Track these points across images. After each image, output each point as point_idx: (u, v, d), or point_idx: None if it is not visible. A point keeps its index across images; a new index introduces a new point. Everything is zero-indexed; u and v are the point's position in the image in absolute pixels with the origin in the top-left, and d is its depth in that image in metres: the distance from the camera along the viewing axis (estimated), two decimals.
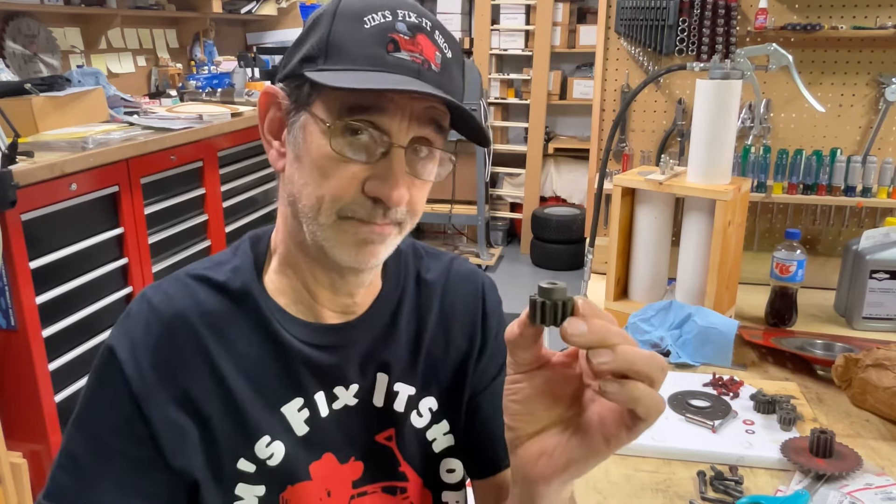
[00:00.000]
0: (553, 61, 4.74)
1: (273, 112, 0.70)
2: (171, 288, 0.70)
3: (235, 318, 0.70)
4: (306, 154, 0.66)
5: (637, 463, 1.06)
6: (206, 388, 0.68)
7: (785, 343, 1.40)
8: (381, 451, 0.75)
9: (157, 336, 0.67)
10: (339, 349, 0.73)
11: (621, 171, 1.93)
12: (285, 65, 0.69)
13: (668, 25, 1.83)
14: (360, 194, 0.65)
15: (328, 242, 0.67)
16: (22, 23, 2.48)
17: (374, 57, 0.64)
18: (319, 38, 0.65)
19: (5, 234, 1.60)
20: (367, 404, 0.75)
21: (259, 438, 0.69)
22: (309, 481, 0.71)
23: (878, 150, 1.76)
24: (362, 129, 0.64)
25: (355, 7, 0.65)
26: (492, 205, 5.00)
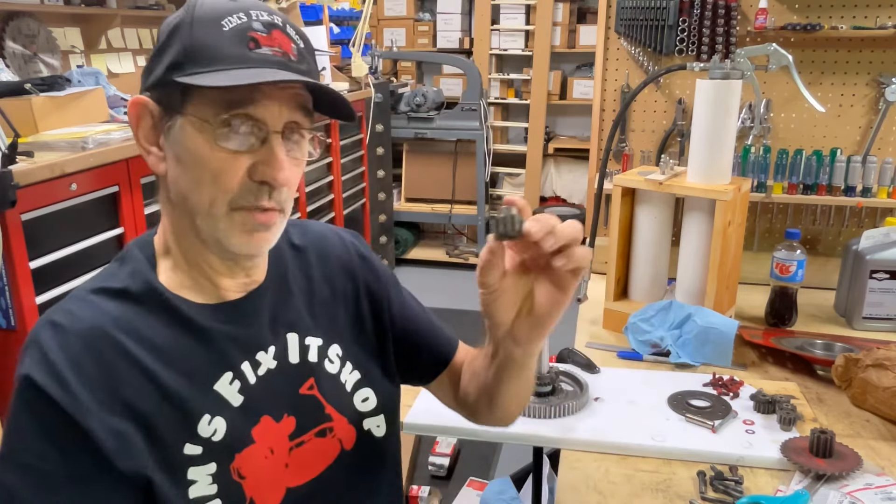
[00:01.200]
0: (553, 61, 4.73)
1: (145, 121, 0.74)
2: (73, 307, 0.72)
3: (146, 317, 0.73)
4: (188, 154, 0.71)
5: (637, 463, 1.06)
6: (138, 387, 0.70)
7: (785, 343, 1.40)
8: (306, 401, 0.82)
9: (76, 352, 0.69)
10: (249, 319, 0.79)
11: (621, 171, 1.93)
12: (149, 74, 0.74)
13: (668, 25, 1.83)
14: (247, 181, 0.71)
15: (222, 234, 0.73)
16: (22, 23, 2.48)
17: (238, 56, 0.70)
18: (182, 45, 0.70)
19: (5, 234, 1.60)
20: (285, 362, 0.81)
21: (199, 419, 0.73)
22: (253, 445, 0.76)
23: (878, 150, 1.76)
24: (240, 122, 0.70)
25: (211, 13, 0.71)
26: (492, 205, 4.99)
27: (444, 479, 2.41)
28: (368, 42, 4.45)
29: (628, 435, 1.10)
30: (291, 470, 0.80)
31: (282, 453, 0.79)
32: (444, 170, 4.68)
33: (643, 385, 1.26)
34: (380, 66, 4.51)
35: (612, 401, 1.20)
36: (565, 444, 1.10)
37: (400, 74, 5.14)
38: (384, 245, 4.32)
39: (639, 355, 1.39)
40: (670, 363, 1.36)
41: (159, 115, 0.73)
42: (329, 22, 4.25)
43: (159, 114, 0.73)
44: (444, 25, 4.98)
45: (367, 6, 3.87)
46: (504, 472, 2.26)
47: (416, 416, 1.17)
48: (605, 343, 1.48)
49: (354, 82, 3.82)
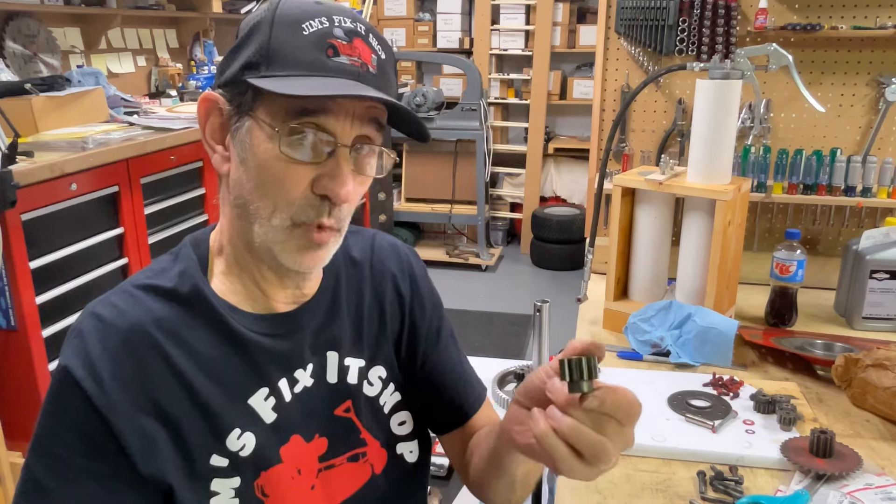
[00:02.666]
0: (553, 61, 4.74)
1: (214, 118, 0.72)
2: (119, 301, 0.71)
3: (189, 322, 0.72)
4: (253, 158, 0.69)
5: (637, 463, 1.06)
6: (171, 392, 0.69)
7: (785, 343, 1.40)
8: (341, 423, 0.80)
9: (114, 349, 0.68)
10: (293, 334, 0.77)
11: (621, 171, 1.94)
12: (224, 71, 0.71)
13: (668, 25, 1.83)
14: (309, 193, 0.69)
15: (277, 246, 0.71)
16: (22, 23, 2.48)
17: (315, 62, 0.67)
18: (259, 45, 0.68)
19: (5, 234, 1.60)
20: (322, 382, 0.79)
21: (230, 433, 0.72)
22: (280, 464, 0.75)
23: (878, 150, 1.76)
24: (308, 131, 0.68)
25: (293, 14, 0.68)
26: (492, 205, 5.00)
27: (444, 479, 2.41)
28: None
29: None
30: (318, 492, 0.78)
31: (310, 474, 0.77)
32: (444, 170, 4.68)
33: (643, 385, 1.26)
34: None
35: None
36: None
37: (400, 74, 5.14)
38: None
39: (639, 355, 1.39)
40: (670, 363, 1.36)
41: (228, 114, 0.71)
42: None
43: (229, 112, 0.71)
44: (444, 25, 4.98)
45: (367, 6, 3.87)
46: None
47: None
48: (605, 343, 1.48)
49: None
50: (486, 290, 4.29)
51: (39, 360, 1.75)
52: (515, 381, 1.24)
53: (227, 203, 0.74)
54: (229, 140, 0.72)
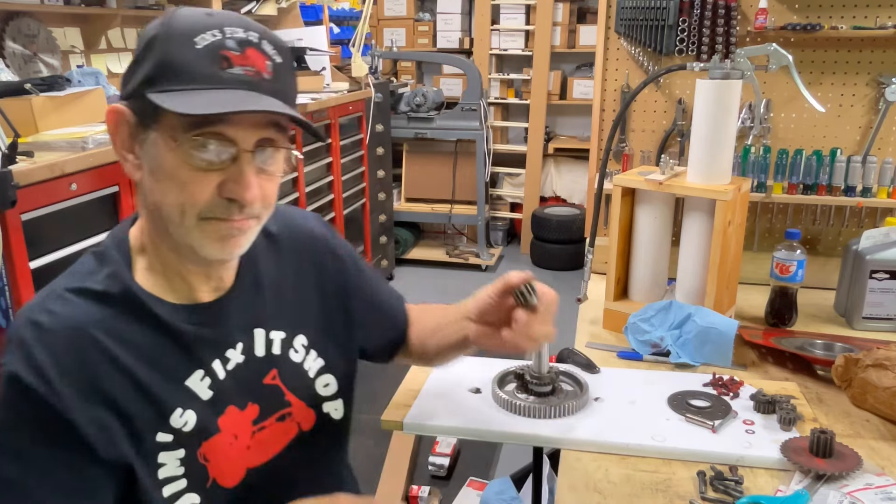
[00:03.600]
0: (553, 61, 4.73)
1: (123, 129, 0.77)
2: (55, 307, 0.75)
3: (124, 319, 0.77)
4: (161, 167, 0.74)
5: (637, 463, 1.06)
6: (116, 383, 0.75)
7: (785, 343, 1.40)
8: (269, 389, 0.89)
9: (58, 351, 0.72)
10: (220, 320, 0.85)
11: (621, 171, 1.93)
12: (126, 83, 0.76)
13: (668, 25, 1.83)
14: (216, 197, 0.74)
15: (195, 242, 0.76)
16: (22, 23, 2.48)
17: (210, 76, 0.71)
18: (156, 61, 0.72)
19: (5, 234, 1.60)
20: (251, 357, 0.87)
21: (172, 412, 0.79)
22: (219, 433, 0.83)
23: (878, 150, 1.76)
24: (209, 141, 0.72)
25: (185, 28, 0.72)
26: (492, 205, 4.99)
27: (444, 479, 2.41)
28: (368, 42, 4.46)
29: (628, 435, 1.10)
30: (252, 451, 0.87)
31: (245, 437, 0.86)
32: (444, 170, 4.68)
33: (643, 385, 1.26)
34: (380, 66, 4.51)
35: (612, 401, 1.20)
36: (565, 444, 1.10)
37: (400, 74, 5.14)
38: (384, 245, 4.32)
39: (639, 355, 1.39)
40: (670, 363, 1.36)
41: (135, 125, 0.75)
42: (329, 22, 4.25)
43: (135, 123, 0.75)
44: (444, 25, 4.98)
45: (367, 6, 3.87)
46: (504, 472, 2.26)
47: (416, 416, 1.17)
48: (605, 343, 1.48)
49: (354, 82, 3.82)
50: None
51: None
52: (515, 381, 1.24)
53: (144, 207, 0.79)
54: (139, 150, 0.76)
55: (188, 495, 0.81)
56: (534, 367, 1.20)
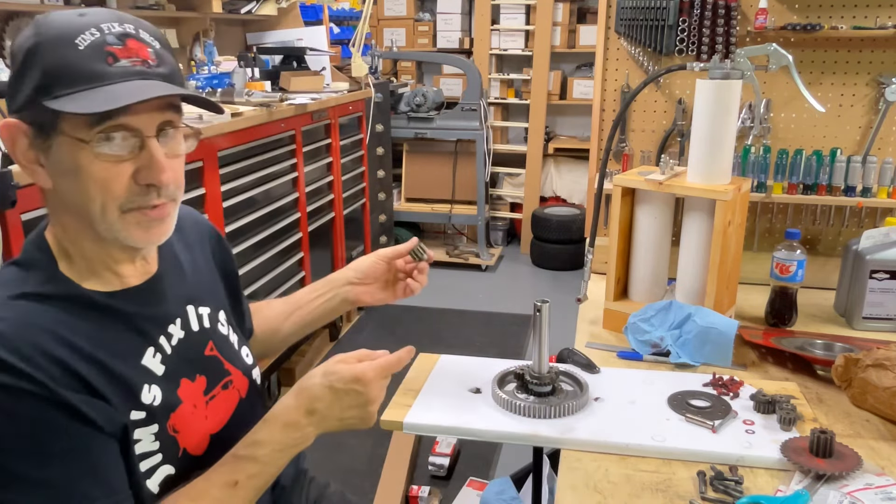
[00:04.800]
0: (553, 61, 4.73)
1: (21, 141, 0.78)
2: (4, 313, 0.76)
3: (71, 314, 0.80)
4: (74, 169, 0.77)
5: (637, 463, 1.06)
6: (85, 370, 0.77)
7: (785, 343, 1.40)
8: (210, 360, 0.95)
9: (24, 349, 0.73)
10: (157, 298, 0.89)
11: (621, 171, 1.93)
12: (14, 97, 0.77)
13: (668, 25, 1.83)
14: (133, 186, 0.79)
15: (121, 234, 0.81)
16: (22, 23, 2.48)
17: (100, 73, 0.75)
18: (42, 68, 0.74)
19: (5, 234, 1.60)
20: (189, 331, 0.93)
21: (140, 391, 0.83)
22: (182, 405, 0.88)
23: (878, 150, 1.76)
24: (115, 134, 0.76)
25: (62, 32, 0.75)
26: (492, 205, 4.99)
27: (444, 479, 2.41)
28: (368, 42, 4.45)
29: (628, 435, 1.10)
30: (210, 419, 0.92)
31: (201, 407, 0.91)
32: (444, 170, 4.68)
33: (643, 385, 1.26)
34: (380, 66, 4.51)
35: (612, 401, 1.21)
36: (565, 444, 1.10)
37: (400, 74, 5.14)
38: (384, 245, 4.32)
39: (639, 355, 1.39)
40: (670, 363, 1.36)
41: (34, 135, 0.77)
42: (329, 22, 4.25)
43: (33, 134, 0.77)
44: (444, 25, 4.98)
45: (367, 6, 3.87)
46: (504, 472, 2.26)
47: (416, 416, 1.17)
48: (605, 343, 1.48)
49: (354, 82, 3.82)
50: (486, 290, 4.28)
51: None
52: (515, 380, 1.24)
53: (61, 211, 0.82)
54: (43, 158, 0.78)
55: (163, 468, 0.84)
56: (534, 367, 1.20)
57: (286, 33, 3.86)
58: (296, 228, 3.03)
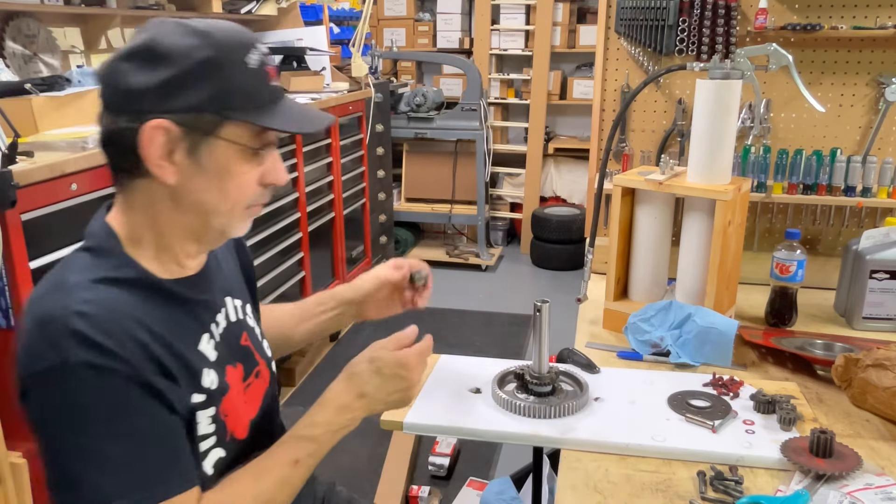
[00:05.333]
0: (553, 61, 4.73)
1: (160, 139, 0.81)
2: (87, 296, 0.79)
3: (145, 298, 0.84)
4: (221, 171, 0.84)
5: (637, 463, 1.06)
6: (159, 352, 0.81)
7: (785, 343, 1.40)
8: (245, 350, 1.00)
9: (111, 331, 0.78)
10: (209, 286, 0.96)
11: (621, 171, 1.93)
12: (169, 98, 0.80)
13: (668, 25, 1.83)
14: (257, 187, 0.89)
15: (233, 227, 0.90)
16: (22, 23, 2.48)
17: (267, 93, 0.85)
18: (220, 83, 0.81)
19: (5, 234, 1.60)
20: (230, 321, 0.98)
21: (200, 374, 0.88)
22: (230, 390, 0.92)
23: (878, 150, 1.76)
24: (269, 146, 0.88)
25: (233, 49, 0.82)
26: (492, 205, 4.99)
27: (444, 479, 2.41)
28: (368, 42, 4.45)
29: (628, 435, 1.10)
30: (248, 405, 0.98)
31: (240, 393, 0.96)
32: (444, 170, 4.68)
33: (643, 385, 1.26)
34: (380, 66, 4.51)
35: (612, 401, 1.21)
36: (565, 444, 1.10)
37: (400, 74, 5.14)
38: (384, 245, 4.32)
39: (639, 355, 1.39)
40: (670, 363, 1.36)
41: (181, 136, 0.82)
42: (329, 22, 4.24)
43: (182, 135, 0.82)
44: (444, 25, 4.98)
45: (367, 6, 3.87)
46: (504, 472, 2.26)
47: (416, 416, 1.17)
48: (605, 343, 1.48)
49: (354, 82, 3.82)
50: (486, 290, 4.28)
51: None
52: (515, 380, 1.24)
53: (166, 204, 0.86)
54: (179, 156, 0.82)
55: (216, 450, 0.90)
56: (534, 367, 1.20)
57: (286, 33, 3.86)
58: (296, 228, 3.03)
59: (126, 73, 0.81)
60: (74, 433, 0.76)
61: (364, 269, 3.99)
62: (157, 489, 0.78)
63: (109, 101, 0.83)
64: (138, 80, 0.80)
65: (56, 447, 0.78)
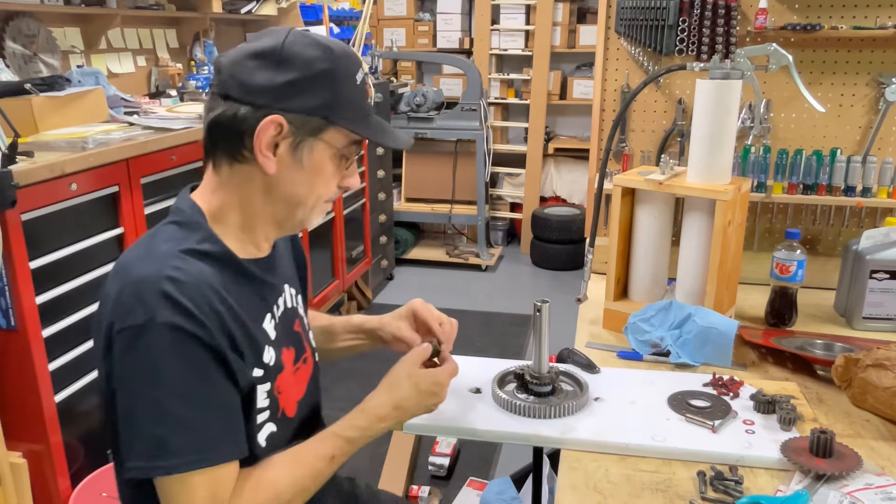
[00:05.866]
0: (553, 61, 4.73)
1: (270, 132, 0.90)
2: (178, 264, 0.86)
3: (225, 272, 0.92)
4: (316, 168, 0.94)
5: (637, 463, 1.06)
6: (231, 325, 0.88)
7: (785, 343, 1.40)
8: (297, 336, 1.07)
9: (198, 299, 0.85)
10: (275, 270, 1.03)
11: (621, 171, 1.93)
12: (290, 97, 0.89)
13: (668, 25, 1.83)
14: (335, 187, 0.99)
15: (311, 218, 0.99)
16: (22, 23, 2.48)
17: (366, 106, 0.97)
18: (333, 92, 0.91)
19: (5, 234, 1.60)
20: (286, 306, 1.05)
21: (263, 350, 0.94)
22: (284, 369, 1.00)
23: (878, 150, 1.76)
24: (357, 153, 0.99)
25: (348, 66, 0.93)
26: (492, 205, 4.99)
27: (444, 479, 2.41)
28: (368, 42, 4.45)
29: (628, 435, 1.10)
30: (297, 385, 1.05)
31: (291, 374, 1.03)
32: (444, 170, 4.68)
33: (643, 385, 1.26)
34: (380, 66, 4.51)
35: (612, 401, 1.21)
36: (565, 444, 1.10)
37: (400, 74, 5.14)
38: (384, 245, 4.32)
39: (639, 355, 1.40)
40: (670, 363, 1.36)
41: (289, 132, 0.91)
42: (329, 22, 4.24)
43: (290, 131, 0.91)
44: (444, 25, 4.98)
45: (367, 6, 3.87)
46: (504, 472, 2.26)
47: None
48: (605, 343, 1.48)
49: None
50: (486, 290, 4.28)
51: (39, 360, 1.75)
52: (515, 380, 1.24)
53: (259, 191, 0.94)
54: (283, 150, 0.91)
55: (268, 425, 0.96)
56: (534, 367, 1.20)
57: None
58: None
59: (252, 70, 0.89)
60: (149, 387, 0.82)
61: (364, 269, 3.99)
62: (210, 455, 0.84)
63: (230, 90, 0.90)
64: (263, 77, 0.89)
65: (130, 397, 0.84)
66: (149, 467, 0.83)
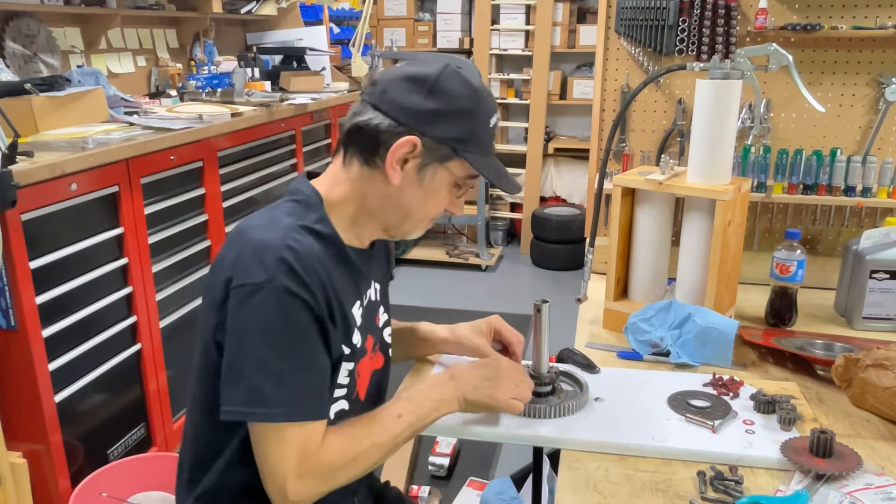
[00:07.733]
0: (553, 61, 4.73)
1: (404, 150, 1.00)
2: (297, 236, 0.96)
3: (330, 251, 1.01)
4: (433, 190, 1.05)
5: (637, 463, 1.06)
6: (332, 301, 0.97)
7: (785, 343, 1.40)
8: (377, 328, 1.16)
9: (310, 269, 0.94)
10: (369, 265, 1.12)
11: (621, 171, 1.93)
12: (432, 124, 0.99)
13: (668, 25, 1.83)
14: (443, 211, 1.09)
15: (414, 232, 1.10)
16: (22, 23, 2.48)
17: (491, 149, 1.07)
18: (468, 129, 1.02)
19: (5, 234, 1.60)
20: (371, 298, 1.13)
21: (353, 331, 1.04)
22: (366, 353, 1.09)
23: (878, 150, 1.76)
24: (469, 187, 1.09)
25: (488, 110, 1.04)
26: (492, 205, 4.99)
27: (444, 479, 2.41)
28: (368, 42, 4.46)
29: (628, 435, 1.10)
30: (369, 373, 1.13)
31: (369, 361, 1.12)
32: None
33: (643, 385, 1.26)
34: (380, 66, 4.51)
35: (612, 401, 1.21)
36: (565, 444, 1.10)
37: None
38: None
39: (639, 355, 1.40)
40: (670, 363, 1.36)
41: (420, 153, 1.00)
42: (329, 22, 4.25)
43: (422, 153, 1.00)
44: (444, 25, 4.98)
45: (367, 6, 3.87)
46: (504, 472, 2.26)
47: None
48: (605, 343, 1.48)
49: (354, 82, 3.83)
50: (486, 290, 4.28)
51: (39, 360, 1.75)
52: None
53: (380, 198, 1.04)
54: (410, 167, 1.01)
55: (342, 402, 1.05)
56: (534, 367, 1.20)
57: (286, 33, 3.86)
58: None
59: (405, 91, 0.99)
60: (257, 339, 0.91)
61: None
62: (303, 410, 0.93)
63: (380, 103, 1.00)
64: (413, 100, 0.99)
65: (238, 346, 0.93)
66: (246, 412, 0.92)
